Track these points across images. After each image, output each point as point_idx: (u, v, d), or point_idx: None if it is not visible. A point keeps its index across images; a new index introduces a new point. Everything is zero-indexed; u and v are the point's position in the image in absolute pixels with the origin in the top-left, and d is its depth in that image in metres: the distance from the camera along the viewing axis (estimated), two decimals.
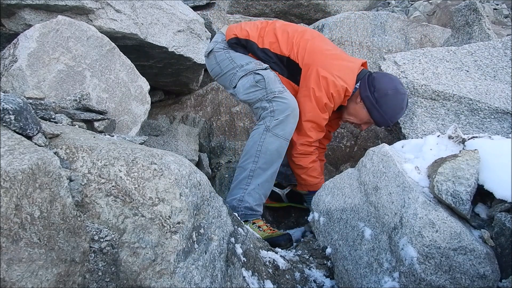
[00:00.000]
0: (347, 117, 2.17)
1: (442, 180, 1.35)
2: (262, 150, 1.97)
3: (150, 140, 2.90)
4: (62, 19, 1.88)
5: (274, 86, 2.01)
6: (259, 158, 1.97)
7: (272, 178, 2.01)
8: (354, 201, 1.60)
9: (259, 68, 2.06)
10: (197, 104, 3.51)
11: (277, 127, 1.96)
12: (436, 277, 1.25)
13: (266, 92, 2.00)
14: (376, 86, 2.01)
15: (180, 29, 2.73)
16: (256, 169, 1.98)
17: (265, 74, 2.04)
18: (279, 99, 1.98)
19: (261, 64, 2.09)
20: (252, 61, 2.11)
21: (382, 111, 2.02)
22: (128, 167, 1.15)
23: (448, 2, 8.24)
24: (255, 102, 2.05)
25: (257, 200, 1.97)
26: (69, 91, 1.80)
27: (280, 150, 1.98)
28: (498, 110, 2.11)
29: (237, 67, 2.11)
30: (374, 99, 2.01)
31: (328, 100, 2.00)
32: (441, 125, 2.17)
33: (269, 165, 1.97)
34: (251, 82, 2.04)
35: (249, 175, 1.98)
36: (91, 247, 1.06)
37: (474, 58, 2.32)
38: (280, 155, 1.99)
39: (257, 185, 1.97)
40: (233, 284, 1.27)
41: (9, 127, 1.05)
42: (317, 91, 1.99)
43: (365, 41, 3.62)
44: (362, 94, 2.04)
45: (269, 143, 1.96)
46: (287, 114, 1.96)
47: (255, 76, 2.04)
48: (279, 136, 1.96)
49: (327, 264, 1.62)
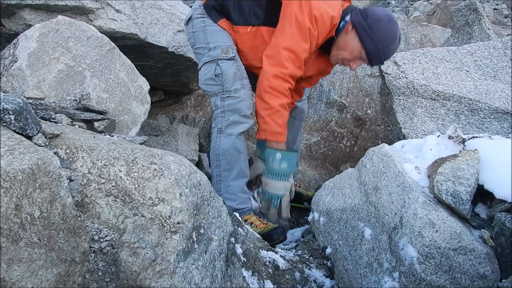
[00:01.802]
0: (337, 53, 1.98)
1: (442, 180, 1.35)
2: (220, 153, 1.97)
3: (150, 140, 2.90)
4: (62, 19, 1.88)
5: (231, 84, 1.96)
6: (220, 161, 1.98)
7: (240, 174, 1.98)
8: (354, 201, 1.60)
9: (223, 58, 1.99)
10: (197, 104, 3.51)
11: (229, 127, 1.96)
12: (436, 277, 1.25)
13: (222, 89, 1.97)
14: (369, 13, 1.88)
15: (180, 29, 2.73)
16: (221, 173, 1.98)
17: (226, 68, 1.97)
18: (232, 99, 1.95)
19: (227, 52, 2.00)
20: (221, 44, 2.02)
21: (375, 39, 1.85)
22: (128, 167, 1.15)
23: (448, 2, 8.24)
24: (211, 96, 2.04)
25: (236, 200, 1.96)
26: (69, 91, 1.80)
27: (237, 146, 1.96)
28: (498, 110, 2.11)
29: (206, 49, 2.04)
30: (367, 24, 1.85)
31: (311, 24, 1.83)
32: (441, 125, 2.17)
33: (232, 164, 1.97)
34: (211, 74, 1.99)
35: (218, 181, 1.99)
36: (91, 247, 1.06)
37: (474, 58, 2.32)
38: (239, 151, 1.97)
39: (228, 187, 1.96)
40: (233, 284, 1.27)
41: (9, 127, 1.05)
42: (300, 15, 1.82)
43: None
44: (354, 20, 1.88)
45: (224, 143, 1.96)
46: (237, 114, 1.94)
47: (216, 68, 1.98)
48: (232, 134, 1.95)
49: (327, 264, 1.62)
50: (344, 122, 3.31)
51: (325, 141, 3.27)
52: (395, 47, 1.91)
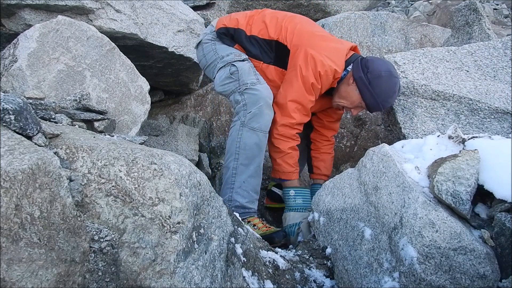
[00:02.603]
0: (338, 101, 2.11)
1: (442, 180, 1.35)
2: (241, 146, 1.97)
3: (150, 140, 2.90)
4: (62, 19, 1.88)
5: (247, 77, 2.00)
6: (239, 154, 1.97)
7: (257, 172, 2.00)
8: (354, 201, 1.60)
9: (236, 60, 2.06)
10: (197, 104, 3.51)
11: (252, 120, 1.96)
12: (436, 277, 1.25)
13: (239, 84, 2.00)
14: (370, 67, 1.98)
15: (180, 29, 2.73)
16: (238, 166, 1.97)
17: (240, 65, 2.03)
18: (251, 90, 1.97)
19: (240, 55, 2.08)
20: (233, 52, 2.11)
21: (375, 94, 1.98)
22: (128, 167, 1.15)
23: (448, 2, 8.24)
24: (229, 95, 2.06)
25: (246, 197, 1.96)
26: (69, 91, 1.80)
27: (259, 143, 1.97)
28: (498, 110, 2.11)
29: (218, 59, 2.11)
30: (367, 80, 1.97)
31: (315, 80, 1.96)
32: (441, 125, 2.17)
33: (250, 160, 1.97)
34: (227, 73, 2.05)
35: (233, 173, 1.98)
36: (91, 247, 1.06)
37: (474, 58, 2.32)
38: (260, 148, 1.98)
39: (242, 182, 1.96)
40: (233, 284, 1.27)
41: (9, 127, 1.05)
42: (304, 70, 1.96)
43: (365, 41, 3.62)
44: (355, 75, 2.00)
45: (247, 137, 1.96)
46: (259, 105, 1.95)
47: (230, 68, 2.04)
48: (255, 129, 1.96)
49: (327, 264, 1.62)
50: (344, 122, 3.31)
51: None
52: (393, 99, 2.06)
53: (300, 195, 2.10)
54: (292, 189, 2.10)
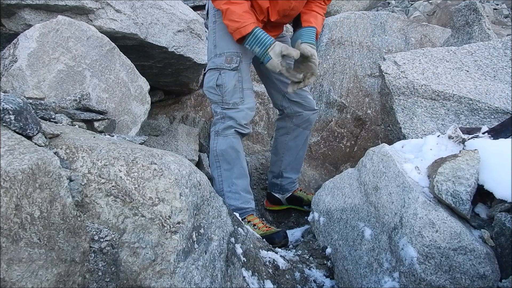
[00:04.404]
0: None
1: (442, 180, 1.35)
2: (218, 153, 2.01)
3: (150, 140, 2.89)
4: (62, 19, 1.88)
5: (230, 97, 1.99)
6: (220, 162, 2.02)
7: (241, 173, 2.01)
8: (354, 201, 1.60)
9: (225, 68, 1.99)
10: (197, 104, 3.51)
11: (226, 129, 2.00)
12: (436, 277, 1.25)
13: (222, 100, 2.01)
14: None
15: (180, 29, 2.73)
16: (222, 173, 2.01)
17: (227, 80, 1.98)
18: (231, 111, 2.00)
19: (231, 61, 1.99)
20: (226, 51, 2.00)
21: None
22: (128, 167, 1.15)
23: (448, 2, 8.24)
24: (212, 102, 2.08)
25: (239, 199, 1.98)
26: (69, 91, 1.80)
27: (232, 145, 1.99)
28: (498, 110, 2.11)
29: (213, 53, 2.05)
30: None
31: None
32: (441, 125, 2.17)
33: (231, 163, 2.00)
34: (213, 83, 2.01)
35: (219, 181, 2.02)
36: (91, 247, 1.06)
37: (474, 58, 2.32)
38: (236, 150, 2.00)
39: (231, 186, 1.99)
40: (233, 284, 1.27)
41: (9, 127, 1.05)
42: None
43: (365, 41, 3.62)
44: None
45: (221, 144, 2.00)
46: (235, 121, 1.98)
47: (218, 78, 1.99)
48: (227, 135, 1.99)
49: (327, 264, 1.62)
50: (344, 122, 3.31)
51: (325, 141, 3.27)
52: None
53: (254, 43, 1.88)
54: (245, 43, 1.90)
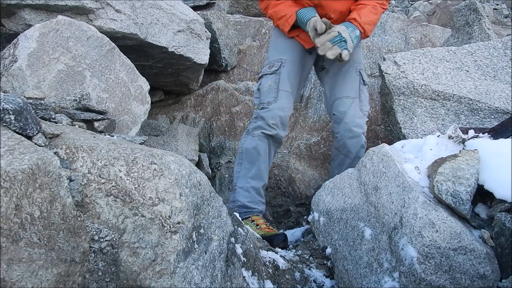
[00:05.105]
0: None
1: (442, 180, 1.35)
2: (243, 151, 2.11)
3: (150, 140, 2.90)
4: (62, 19, 1.88)
5: (264, 97, 2.11)
6: (242, 159, 2.11)
7: (258, 175, 2.08)
8: (354, 201, 1.60)
9: (266, 73, 2.16)
10: (197, 104, 3.51)
11: (255, 129, 2.09)
12: (436, 277, 1.25)
13: (259, 101, 2.14)
14: None
15: (180, 29, 2.73)
16: (241, 170, 2.10)
17: (264, 83, 2.14)
18: (264, 109, 2.09)
19: (272, 66, 2.16)
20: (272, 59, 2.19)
21: None
22: (128, 167, 1.15)
23: (448, 2, 8.24)
24: (255, 106, 2.24)
25: (248, 197, 2.03)
26: (69, 91, 1.80)
27: (257, 147, 2.06)
28: (498, 110, 2.11)
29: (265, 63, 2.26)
30: None
31: None
32: (441, 125, 2.17)
33: (252, 163, 2.07)
34: (256, 88, 2.21)
35: (236, 176, 2.11)
36: (91, 247, 1.06)
37: (474, 58, 2.32)
38: (259, 152, 2.07)
39: (244, 183, 2.05)
40: (233, 284, 1.27)
41: (9, 127, 1.05)
42: None
43: (365, 41, 3.62)
44: None
45: (248, 143, 2.09)
46: (264, 121, 2.07)
47: (260, 83, 2.18)
48: (255, 135, 2.08)
49: (327, 264, 1.62)
50: None
51: (325, 141, 3.27)
52: None
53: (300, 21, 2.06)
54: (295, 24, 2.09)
